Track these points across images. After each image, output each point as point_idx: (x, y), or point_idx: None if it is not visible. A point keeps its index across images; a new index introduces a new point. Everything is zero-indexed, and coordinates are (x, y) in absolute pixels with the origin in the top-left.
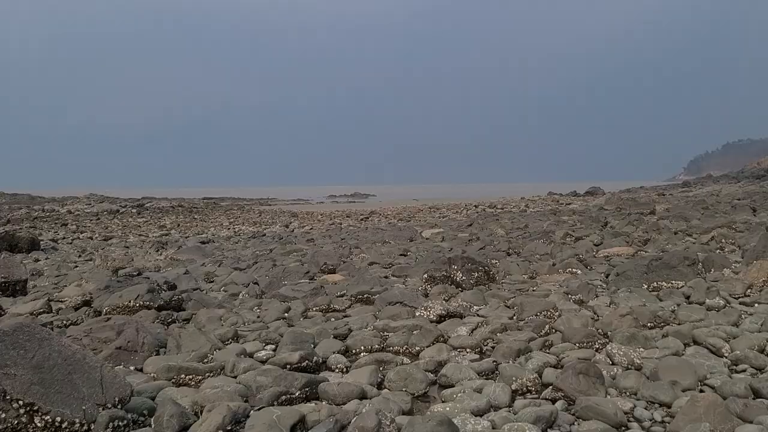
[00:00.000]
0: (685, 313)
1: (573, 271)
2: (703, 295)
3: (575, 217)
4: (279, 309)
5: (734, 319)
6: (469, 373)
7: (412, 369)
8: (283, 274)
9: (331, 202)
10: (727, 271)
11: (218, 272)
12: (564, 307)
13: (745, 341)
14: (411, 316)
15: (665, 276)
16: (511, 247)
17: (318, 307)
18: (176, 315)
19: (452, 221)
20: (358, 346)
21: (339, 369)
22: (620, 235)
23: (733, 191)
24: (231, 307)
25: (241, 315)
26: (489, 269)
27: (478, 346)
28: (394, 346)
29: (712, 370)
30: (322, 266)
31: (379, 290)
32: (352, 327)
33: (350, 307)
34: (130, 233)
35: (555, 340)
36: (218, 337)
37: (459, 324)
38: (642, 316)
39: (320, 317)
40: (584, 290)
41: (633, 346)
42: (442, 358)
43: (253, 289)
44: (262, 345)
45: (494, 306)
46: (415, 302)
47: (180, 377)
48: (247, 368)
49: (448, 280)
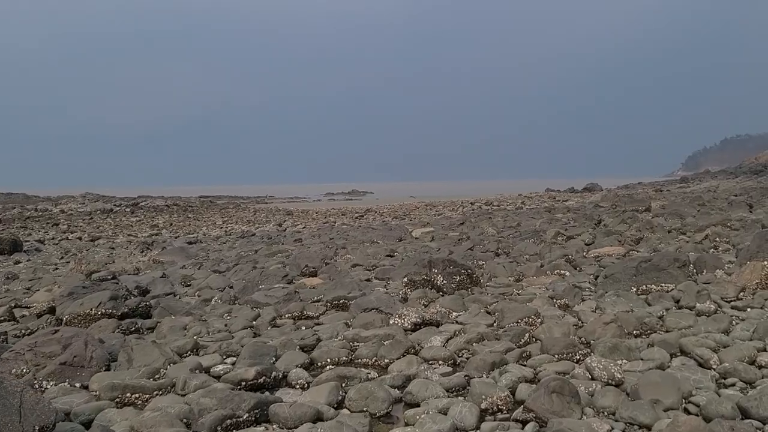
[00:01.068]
0: (673, 320)
1: (561, 272)
2: (693, 299)
3: (569, 215)
4: (248, 317)
5: (725, 326)
6: (436, 390)
7: (374, 387)
8: (260, 277)
9: (328, 200)
10: (720, 272)
11: (196, 275)
12: (547, 313)
13: (734, 352)
14: (385, 324)
15: (655, 278)
16: (500, 247)
17: (290, 313)
18: (141, 323)
19: (446, 219)
20: (324, 359)
21: (299, 385)
22: (613, 234)
23: (730, 187)
24: (201, 314)
25: (209, 323)
26: (472, 272)
27: (451, 357)
28: (363, 358)
29: (699, 384)
30: (303, 269)
31: (357, 295)
32: (322, 336)
33: (324, 314)
34: (120, 233)
35: (534, 350)
36: (176, 349)
37: (434, 333)
38: (627, 324)
39: (290, 325)
40: (570, 294)
41: (615, 357)
42: (412, 372)
43: (226, 294)
44: (222, 358)
45: (474, 312)
46: (392, 308)
47: (125, 396)
48: (199, 386)
49: (429, 284)
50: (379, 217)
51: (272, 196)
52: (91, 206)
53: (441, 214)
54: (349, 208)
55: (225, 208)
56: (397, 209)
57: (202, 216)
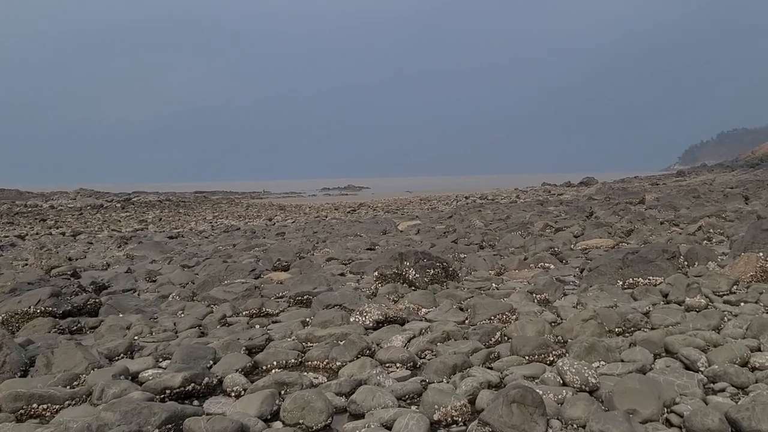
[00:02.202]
0: (659, 316)
1: (546, 265)
2: (682, 293)
3: (561, 207)
4: (199, 314)
5: (715, 322)
6: (385, 398)
7: (313, 396)
8: (225, 272)
9: (323, 195)
10: (713, 264)
11: (163, 270)
12: (524, 309)
13: (725, 352)
14: (345, 322)
15: (642, 271)
16: (485, 240)
17: (248, 310)
18: (84, 323)
19: (435, 212)
20: (270, 362)
21: (235, 393)
22: (603, 226)
23: (726, 180)
24: (153, 311)
25: (159, 321)
26: (448, 265)
27: (411, 359)
28: (313, 361)
29: (684, 390)
30: (275, 263)
31: (323, 290)
32: (274, 336)
33: (285, 311)
34: (105, 228)
35: (503, 351)
36: (107, 351)
37: (397, 332)
38: (608, 320)
39: (243, 323)
40: (551, 288)
41: (592, 359)
42: (363, 377)
43: (186, 290)
44: (156, 362)
45: (445, 308)
46: (357, 305)
47: (31, 407)
48: (117, 394)
49: (400, 278)
50: (371, 211)
51: (268, 192)
52: (82, 202)
53: (434, 208)
54: (342, 203)
55: (218, 204)
56: (390, 204)
57: (194, 211)
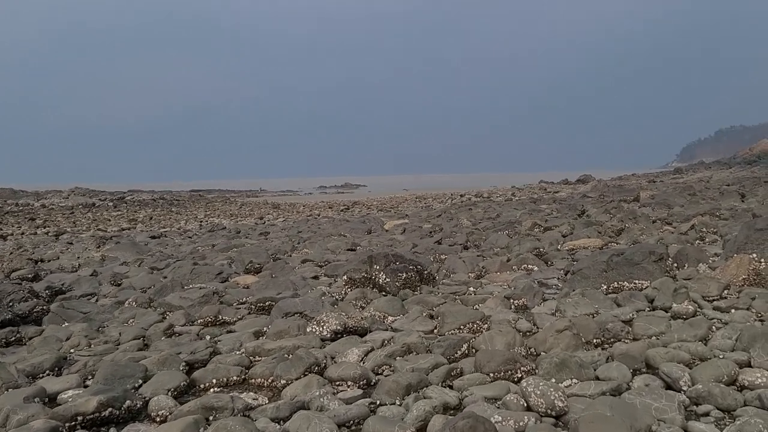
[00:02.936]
0: (642, 325)
1: (529, 267)
2: (669, 298)
3: (554, 205)
4: (147, 323)
5: (702, 332)
6: (323, 426)
7: (237, 425)
8: (191, 275)
9: (320, 193)
10: (703, 266)
11: (131, 273)
12: (498, 317)
13: (710, 369)
14: (302, 332)
15: (627, 274)
16: (470, 240)
17: (203, 318)
18: (24, 332)
19: (426, 211)
20: (209, 380)
21: (161, 418)
22: (593, 225)
23: (723, 177)
24: (105, 319)
25: (104, 332)
26: (423, 268)
27: (364, 376)
28: (257, 378)
29: (662, 415)
30: (247, 265)
31: (287, 296)
32: (221, 349)
33: (243, 319)
34: (93, 227)
35: (467, 367)
36: (30, 368)
37: (355, 344)
38: (586, 330)
39: (194, 333)
40: (530, 293)
41: (563, 376)
42: (306, 398)
43: (144, 296)
44: (82, 380)
45: (413, 316)
46: (319, 312)
47: None
48: (23, 421)
49: (370, 282)
50: (365, 209)
51: (264, 190)
52: (74, 201)
53: (428, 206)
54: (336, 202)
55: (212, 202)
56: (385, 202)
57: (186, 210)
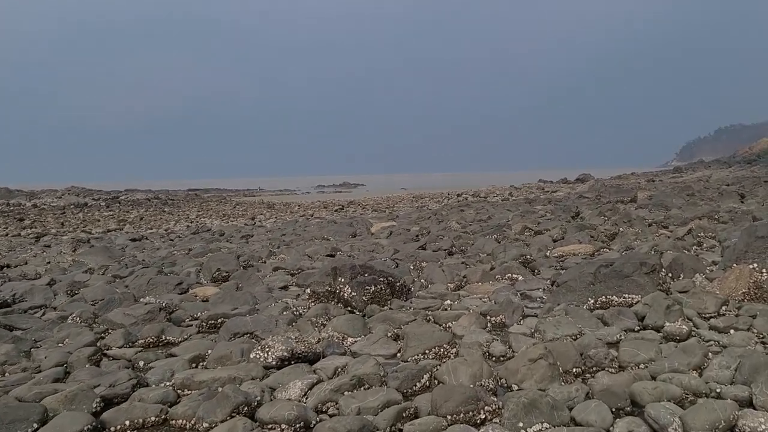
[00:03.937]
0: (629, 350)
1: (513, 277)
2: (661, 316)
3: (549, 206)
4: (76, 345)
5: (697, 360)
6: None
7: None
8: (147, 286)
9: (317, 192)
10: (700, 277)
11: (91, 281)
12: (469, 339)
13: (705, 413)
14: (245, 358)
15: (616, 288)
16: (455, 245)
17: (145, 339)
18: None
19: (417, 212)
20: (121, 422)
21: None
22: (586, 229)
23: (723, 176)
24: (42, 337)
25: (30, 355)
26: (395, 280)
27: (302, 418)
28: (179, 419)
29: None
30: (214, 273)
31: (244, 311)
32: (149, 379)
33: (189, 339)
34: (80, 228)
35: (424, 405)
36: None
37: (302, 374)
38: (565, 358)
39: (124, 360)
40: (509, 309)
41: (531, 420)
42: None
43: (90, 310)
44: None
45: (376, 337)
46: (271, 333)
47: None
48: None
49: (334, 296)
50: (360, 210)
51: (263, 189)
52: (66, 200)
53: (423, 206)
54: (332, 201)
55: (207, 202)
56: (381, 202)
57: (179, 210)
